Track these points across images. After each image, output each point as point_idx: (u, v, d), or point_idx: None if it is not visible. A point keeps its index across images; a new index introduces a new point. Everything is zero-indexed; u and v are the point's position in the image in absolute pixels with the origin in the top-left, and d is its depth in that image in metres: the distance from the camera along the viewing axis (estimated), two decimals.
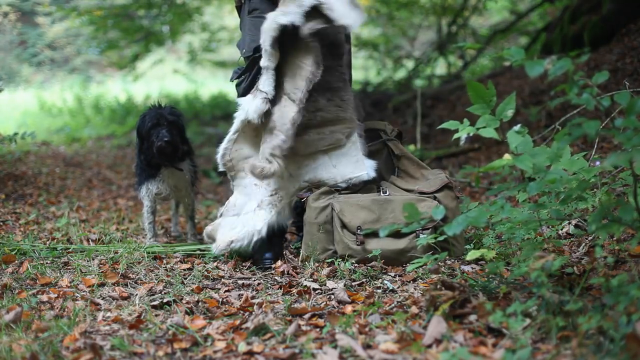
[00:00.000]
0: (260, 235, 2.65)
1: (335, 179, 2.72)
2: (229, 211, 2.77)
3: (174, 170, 3.08)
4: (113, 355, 1.70)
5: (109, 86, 14.04)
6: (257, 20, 2.76)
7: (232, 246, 2.66)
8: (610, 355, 1.46)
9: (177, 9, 10.00)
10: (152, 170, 3.08)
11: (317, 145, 2.72)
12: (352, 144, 2.75)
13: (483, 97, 2.01)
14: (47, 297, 2.23)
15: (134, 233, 3.43)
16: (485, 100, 2.01)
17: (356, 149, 2.75)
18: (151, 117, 3.00)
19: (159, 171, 3.08)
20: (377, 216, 2.61)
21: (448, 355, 1.53)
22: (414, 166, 2.91)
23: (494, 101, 2.01)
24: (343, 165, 2.73)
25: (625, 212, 1.62)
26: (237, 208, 2.75)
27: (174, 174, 3.09)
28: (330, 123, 2.72)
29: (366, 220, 2.60)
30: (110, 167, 6.42)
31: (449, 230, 1.77)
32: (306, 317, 1.98)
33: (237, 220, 2.72)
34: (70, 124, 9.99)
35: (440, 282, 1.93)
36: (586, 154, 2.50)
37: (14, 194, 4.41)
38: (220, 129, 8.83)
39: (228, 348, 1.73)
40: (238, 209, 2.74)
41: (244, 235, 2.66)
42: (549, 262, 1.76)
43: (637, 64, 4.78)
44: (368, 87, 9.77)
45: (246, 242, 2.65)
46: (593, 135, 1.58)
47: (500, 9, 10.27)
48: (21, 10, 14.76)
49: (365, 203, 2.64)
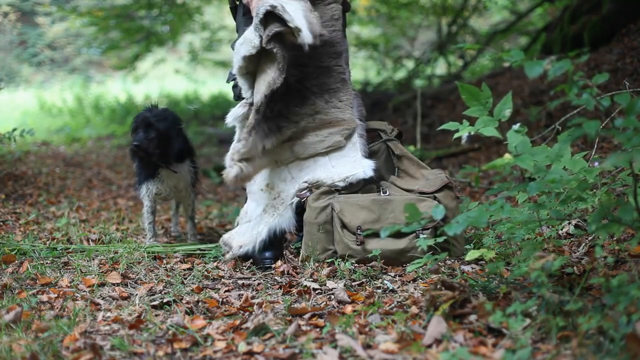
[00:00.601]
0: (261, 237, 2.68)
1: (332, 178, 2.72)
2: (242, 218, 2.83)
3: (173, 169, 3.08)
4: (113, 355, 1.70)
5: (109, 86, 14.04)
6: (251, 21, 2.76)
7: (240, 251, 2.71)
8: (610, 355, 1.46)
9: (178, 8, 10.00)
10: (150, 170, 3.08)
11: (316, 148, 2.73)
12: (352, 145, 2.75)
13: (478, 98, 2.02)
14: (47, 297, 2.23)
15: (134, 233, 3.43)
16: (480, 101, 2.01)
17: (355, 149, 2.75)
18: (136, 118, 3.02)
19: (157, 171, 3.08)
20: (377, 216, 2.61)
21: (448, 355, 1.53)
22: (414, 166, 2.91)
23: (490, 102, 2.01)
24: (341, 165, 2.73)
25: (625, 212, 1.62)
26: (249, 215, 2.80)
27: (172, 174, 3.09)
28: (329, 125, 2.72)
29: (366, 220, 2.60)
30: (110, 167, 6.42)
31: (449, 230, 1.77)
32: (306, 317, 1.98)
33: (249, 226, 2.76)
34: (70, 124, 9.99)
35: (440, 282, 1.93)
36: (586, 154, 2.50)
37: (14, 194, 4.41)
38: (220, 129, 8.83)
39: (228, 348, 1.73)
40: (250, 215, 2.79)
41: (250, 240, 2.71)
42: (549, 262, 1.76)
43: (637, 64, 4.78)
44: (368, 87, 9.77)
45: (251, 247, 2.70)
46: (593, 135, 1.57)
47: (500, 8, 10.27)
48: (21, 10, 14.76)
49: (365, 203, 2.64)
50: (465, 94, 2.03)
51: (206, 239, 3.29)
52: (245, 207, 2.84)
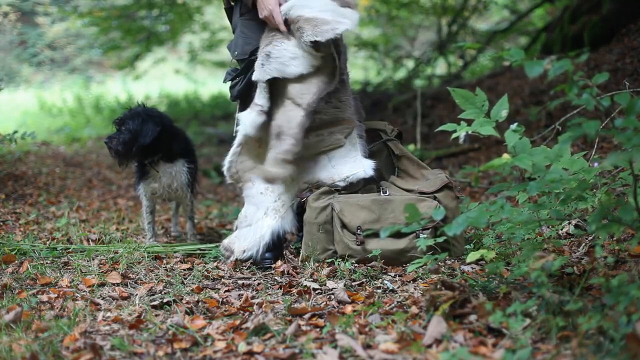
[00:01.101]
0: (264, 240, 2.68)
1: (332, 178, 2.73)
2: (241, 223, 2.81)
3: (165, 169, 3.07)
4: (113, 355, 1.70)
5: (109, 86, 14.04)
6: (249, 22, 2.76)
7: (244, 255, 2.71)
8: (610, 355, 1.46)
9: (178, 8, 10.00)
10: (143, 169, 3.10)
11: (317, 147, 2.73)
12: (352, 145, 2.76)
13: (472, 102, 2.02)
14: (47, 297, 2.23)
15: (134, 233, 3.43)
16: (475, 105, 2.01)
17: (355, 149, 2.76)
18: (117, 117, 3.04)
19: (146, 169, 3.09)
20: (377, 216, 2.61)
21: (448, 355, 1.53)
22: (414, 166, 2.91)
23: (486, 105, 2.02)
24: (341, 164, 2.73)
25: (625, 212, 1.62)
26: (248, 219, 2.79)
27: (165, 173, 3.07)
28: (329, 124, 2.72)
29: (366, 221, 2.60)
30: (110, 167, 6.41)
31: (449, 230, 1.77)
32: (306, 317, 1.98)
33: (249, 230, 2.75)
34: (70, 124, 9.99)
35: (440, 282, 1.93)
36: (586, 154, 2.50)
37: (14, 194, 4.41)
38: (220, 129, 8.83)
39: (228, 348, 1.73)
40: (249, 219, 2.78)
41: (253, 244, 2.71)
42: (549, 262, 1.76)
43: (637, 64, 4.78)
44: (368, 87, 9.76)
45: (255, 251, 2.70)
46: (593, 135, 1.57)
47: (501, 8, 10.27)
48: (21, 10, 14.76)
49: (365, 203, 2.64)
50: (459, 99, 2.03)
51: (206, 239, 3.29)
52: (244, 211, 2.83)
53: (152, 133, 2.95)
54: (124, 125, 2.96)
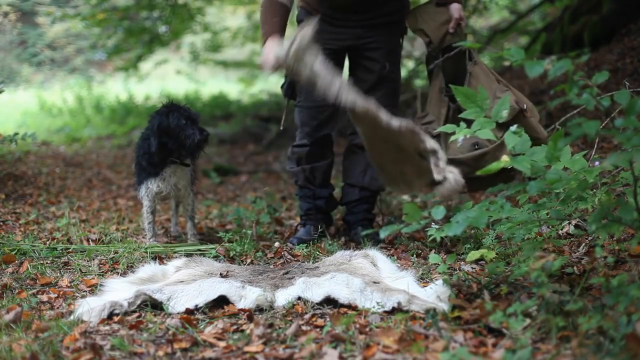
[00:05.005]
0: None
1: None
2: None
3: (177, 167, 3.06)
4: (113, 355, 1.70)
5: (109, 86, 14.03)
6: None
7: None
8: (610, 355, 1.46)
9: (179, 9, 9.99)
10: (155, 168, 3.05)
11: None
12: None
13: (474, 100, 2.01)
14: (47, 297, 2.23)
15: (134, 233, 3.42)
16: (477, 104, 2.01)
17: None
18: (178, 114, 2.97)
19: (162, 169, 3.05)
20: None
21: (448, 355, 1.53)
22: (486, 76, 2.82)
23: (487, 104, 2.01)
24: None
25: (625, 212, 1.63)
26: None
27: (176, 171, 3.07)
28: None
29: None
30: (110, 167, 6.41)
31: (449, 230, 1.77)
32: (306, 317, 1.98)
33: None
34: (70, 124, 9.98)
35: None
36: (586, 154, 2.49)
37: (14, 194, 4.41)
38: (220, 129, 8.82)
39: (228, 348, 1.73)
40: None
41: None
42: (549, 262, 1.76)
43: (637, 64, 4.78)
44: None
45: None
46: (593, 135, 1.57)
47: (501, 8, 10.26)
48: (21, 10, 14.76)
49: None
50: (461, 97, 2.03)
51: (206, 239, 3.28)
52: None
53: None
54: (196, 123, 2.99)
